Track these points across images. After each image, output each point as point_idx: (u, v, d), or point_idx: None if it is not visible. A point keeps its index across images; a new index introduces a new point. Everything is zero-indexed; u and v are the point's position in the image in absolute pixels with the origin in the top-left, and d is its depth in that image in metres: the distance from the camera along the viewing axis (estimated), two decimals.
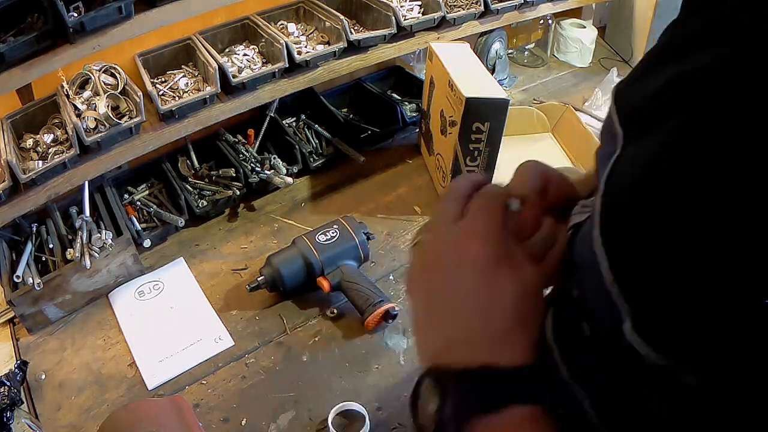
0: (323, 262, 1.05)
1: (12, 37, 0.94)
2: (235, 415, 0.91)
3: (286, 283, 1.05)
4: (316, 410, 0.91)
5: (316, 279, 1.06)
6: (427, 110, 1.37)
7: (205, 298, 1.11)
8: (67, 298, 1.06)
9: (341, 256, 1.07)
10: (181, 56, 1.24)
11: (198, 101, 1.12)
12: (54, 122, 1.11)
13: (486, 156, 1.18)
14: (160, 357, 1.00)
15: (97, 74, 1.09)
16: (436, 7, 1.37)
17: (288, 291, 1.07)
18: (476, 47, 1.66)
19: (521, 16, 1.57)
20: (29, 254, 1.08)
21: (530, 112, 1.51)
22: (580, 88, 1.78)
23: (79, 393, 0.95)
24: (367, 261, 1.13)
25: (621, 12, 1.90)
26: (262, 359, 1.00)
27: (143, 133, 1.10)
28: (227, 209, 1.30)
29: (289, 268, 1.05)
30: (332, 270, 1.06)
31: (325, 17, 1.30)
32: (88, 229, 1.07)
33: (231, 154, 1.33)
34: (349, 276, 1.05)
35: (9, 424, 0.82)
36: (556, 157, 1.46)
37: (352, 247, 1.09)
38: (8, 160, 0.96)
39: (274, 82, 1.21)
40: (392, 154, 1.48)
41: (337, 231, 1.09)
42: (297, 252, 1.06)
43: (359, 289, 1.02)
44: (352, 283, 1.03)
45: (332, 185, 1.38)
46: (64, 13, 0.93)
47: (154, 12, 1.04)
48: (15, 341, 1.03)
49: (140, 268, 1.14)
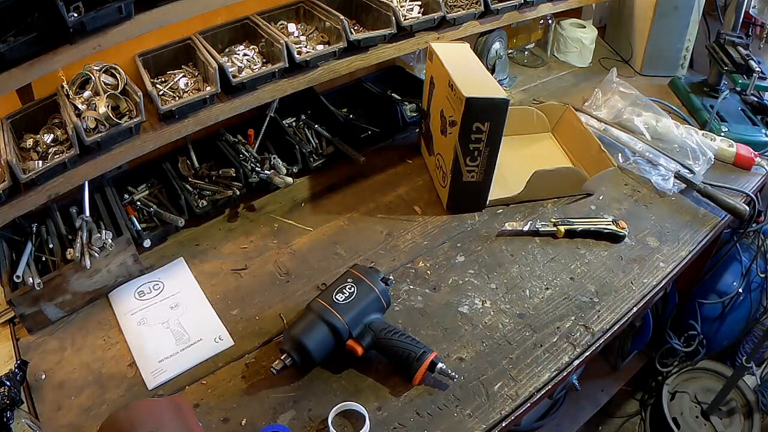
0: (349, 324, 0.94)
1: (12, 37, 0.93)
2: (235, 415, 0.91)
3: (314, 356, 0.93)
4: (316, 410, 0.91)
5: (344, 344, 0.95)
6: (427, 110, 1.37)
7: (205, 298, 1.11)
8: (67, 298, 1.06)
9: (366, 312, 0.97)
10: (181, 56, 1.24)
11: (198, 101, 1.12)
12: (54, 122, 1.11)
13: (486, 156, 1.18)
14: (160, 357, 1.00)
15: (97, 74, 1.09)
16: (436, 7, 1.37)
17: (318, 364, 0.96)
18: (476, 47, 1.66)
19: (521, 16, 1.57)
20: (29, 254, 1.08)
21: (530, 112, 1.51)
22: (580, 88, 1.78)
23: (79, 393, 0.95)
24: (390, 307, 1.03)
25: (621, 12, 1.90)
26: (262, 359, 1.00)
27: (143, 133, 1.10)
28: (227, 209, 1.30)
29: (313, 340, 0.92)
30: (360, 330, 0.95)
31: (325, 17, 1.30)
32: (88, 229, 1.07)
33: (231, 154, 1.33)
34: (381, 333, 0.95)
35: (9, 424, 0.82)
36: (556, 157, 1.46)
37: (375, 300, 0.98)
38: (8, 160, 0.95)
39: (274, 82, 1.21)
40: (392, 154, 1.48)
41: (354, 285, 0.98)
42: (316, 318, 0.94)
43: (397, 345, 0.94)
44: (387, 340, 0.94)
45: (332, 185, 1.38)
46: (64, 13, 0.93)
47: (154, 12, 1.04)
48: (15, 341, 1.03)
49: (140, 268, 1.14)
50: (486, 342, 1.02)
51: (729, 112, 1.61)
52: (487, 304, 1.09)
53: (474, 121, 1.13)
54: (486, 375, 0.97)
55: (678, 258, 1.20)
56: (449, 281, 1.14)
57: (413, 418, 0.90)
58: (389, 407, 0.92)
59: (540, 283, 1.14)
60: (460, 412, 0.91)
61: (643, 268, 1.17)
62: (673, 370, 1.95)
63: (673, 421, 1.83)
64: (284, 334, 0.97)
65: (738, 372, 1.71)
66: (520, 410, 0.93)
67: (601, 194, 1.36)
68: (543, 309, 1.08)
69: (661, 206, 1.33)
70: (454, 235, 1.24)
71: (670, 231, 1.27)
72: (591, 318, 1.07)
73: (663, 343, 1.96)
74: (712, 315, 1.89)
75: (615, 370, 2.01)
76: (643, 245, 1.23)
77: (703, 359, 1.94)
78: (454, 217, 1.29)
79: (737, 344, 1.91)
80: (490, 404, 0.92)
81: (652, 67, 1.84)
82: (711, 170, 1.40)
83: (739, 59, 1.53)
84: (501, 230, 1.24)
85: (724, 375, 1.91)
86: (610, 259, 1.19)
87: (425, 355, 0.93)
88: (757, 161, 1.44)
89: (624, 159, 1.45)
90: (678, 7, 1.69)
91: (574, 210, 1.32)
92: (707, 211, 1.32)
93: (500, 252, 1.20)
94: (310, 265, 1.17)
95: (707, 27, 1.88)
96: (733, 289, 1.80)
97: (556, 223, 1.23)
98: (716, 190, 1.32)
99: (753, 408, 1.83)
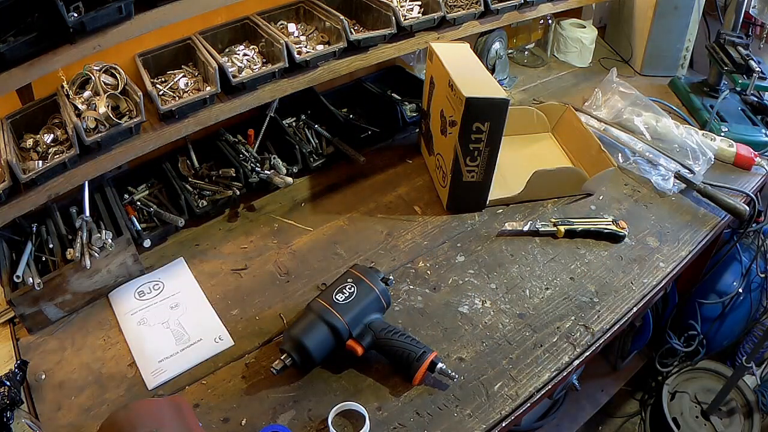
0: (349, 324, 0.94)
1: (12, 37, 0.93)
2: (235, 415, 0.91)
3: (314, 356, 0.93)
4: (316, 410, 0.91)
5: (344, 344, 0.95)
6: (427, 110, 1.37)
7: (205, 298, 1.11)
8: (67, 298, 1.06)
9: (366, 312, 0.97)
10: (181, 56, 1.24)
11: (198, 101, 1.12)
12: (54, 122, 1.11)
13: (486, 156, 1.18)
14: (160, 357, 1.00)
15: (97, 74, 1.09)
16: (436, 7, 1.37)
17: (318, 364, 0.97)
18: (476, 47, 1.66)
19: (521, 16, 1.57)
20: (29, 254, 1.08)
21: (530, 112, 1.51)
22: (580, 88, 1.78)
23: (79, 393, 0.95)
24: (390, 307, 1.04)
25: (621, 12, 1.90)
26: (262, 359, 1.00)
27: (143, 133, 1.10)
28: (227, 209, 1.30)
29: (313, 340, 0.92)
30: (360, 330, 0.95)
31: (325, 17, 1.30)
32: (88, 229, 1.07)
33: (231, 154, 1.33)
34: (381, 333, 0.95)
35: (9, 424, 0.82)
36: (556, 157, 1.46)
37: (375, 299, 0.98)
38: (8, 160, 0.95)
39: (274, 82, 1.21)
40: (392, 154, 1.48)
41: (354, 285, 0.98)
42: (316, 318, 0.94)
43: (397, 345, 0.94)
44: (387, 340, 0.94)
45: (332, 185, 1.38)
46: (64, 13, 0.93)
47: (154, 12, 1.04)
48: (15, 341, 1.03)
49: (140, 268, 1.14)
50: (486, 342, 1.02)
51: (729, 112, 1.61)
52: (487, 304, 1.09)
53: (474, 121, 1.13)
54: (486, 375, 0.97)
55: (678, 258, 1.20)
56: (449, 281, 1.14)
57: (413, 418, 0.90)
58: (389, 407, 0.92)
59: (540, 283, 1.14)
60: (460, 412, 0.91)
61: (643, 268, 1.17)
62: (673, 370, 1.95)
63: (673, 421, 1.83)
64: (284, 334, 0.97)
65: (738, 372, 1.71)
66: (520, 410, 0.93)
67: (601, 194, 1.36)
68: (543, 309, 1.08)
69: (661, 206, 1.33)
70: (454, 235, 1.24)
71: (670, 231, 1.27)
72: (591, 318, 1.07)
73: (663, 343, 1.96)
74: (712, 315, 1.89)
75: (615, 370, 2.01)
76: (643, 245, 1.23)
77: (703, 359, 1.94)
78: (454, 217, 1.29)
79: (737, 344, 1.91)
80: (490, 404, 0.92)
81: (652, 67, 1.84)
82: (711, 170, 1.40)
83: (739, 59, 1.53)
84: (501, 230, 1.24)
85: (724, 375, 1.90)
86: (610, 259, 1.19)
87: (425, 355, 0.93)
88: (757, 161, 1.44)
89: (624, 159, 1.45)
90: (678, 7, 1.69)
91: (574, 210, 1.32)
92: (707, 211, 1.32)
93: (500, 252, 1.20)
94: (310, 265, 1.17)
95: (707, 27, 1.88)
96: (733, 289, 1.80)
97: (556, 223, 1.23)
98: (716, 190, 1.32)
99: (753, 408, 1.83)
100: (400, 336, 0.95)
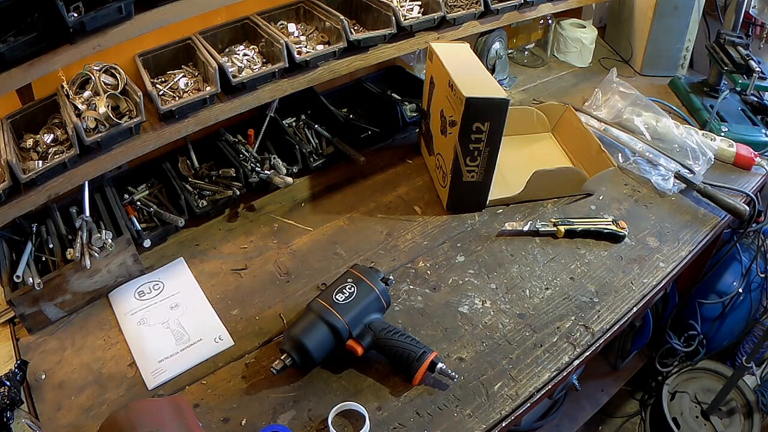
0: (349, 324, 0.94)
1: (12, 37, 0.93)
2: (235, 415, 0.91)
3: (314, 356, 0.93)
4: (316, 410, 0.91)
5: (344, 344, 0.95)
6: (427, 110, 1.37)
7: (205, 298, 1.11)
8: (67, 298, 1.06)
9: (366, 312, 0.97)
10: (181, 56, 1.24)
11: (198, 101, 1.12)
12: (54, 122, 1.11)
13: (486, 156, 1.18)
14: (160, 357, 1.00)
15: (97, 74, 1.09)
16: (436, 7, 1.37)
17: (318, 364, 0.97)
18: (476, 47, 1.66)
19: (521, 16, 1.57)
20: (29, 254, 1.08)
21: (530, 112, 1.51)
22: (580, 88, 1.78)
23: (79, 393, 0.95)
24: (390, 307, 1.04)
25: (621, 12, 1.90)
26: (262, 359, 1.00)
27: (143, 133, 1.10)
28: (227, 209, 1.30)
29: (313, 340, 0.92)
30: (360, 330, 0.95)
31: (325, 17, 1.30)
32: (88, 229, 1.07)
33: (231, 154, 1.33)
34: (381, 333, 0.95)
35: (9, 424, 0.82)
36: (556, 157, 1.46)
37: (375, 299, 0.98)
38: (8, 160, 0.96)
39: (274, 82, 1.21)
40: (392, 154, 1.48)
41: (354, 285, 0.98)
42: (316, 318, 0.94)
43: (397, 345, 0.94)
44: (387, 341, 0.94)
45: (332, 185, 1.38)
46: (64, 13, 0.93)
47: (154, 12, 1.04)
48: (15, 341, 1.03)
49: (140, 268, 1.14)
50: (486, 342, 1.02)
51: (729, 112, 1.61)
52: (487, 304, 1.09)
53: (474, 121, 1.13)
54: (486, 375, 0.97)
55: (678, 258, 1.20)
56: (449, 281, 1.14)
57: (413, 418, 0.90)
58: (389, 407, 0.92)
59: (540, 283, 1.14)
60: (460, 412, 0.91)
61: (643, 268, 1.17)
62: (673, 370, 1.95)
63: (673, 421, 1.83)
64: (284, 334, 0.97)
65: (738, 372, 1.71)
66: (520, 410, 0.93)
67: (601, 194, 1.36)
68: (543, 309, 1.08)
69: (661, 206, 1.33)
70: (454, 235, 1.24)
71: (670, 231, 1.27)
72: (591, 318, 1.07)
73: (663, 343, 1.96)
74: (712, 315, 1.89)
75: (615, 370, 2.01)
76: (643, 245, 1.23)
77: (703, 359, 1.94)
78: (454, 217, 1.29)
79: (737, 344, 1.91)
80: (490, 404, 0.92)
81: (652, 67, 1.84)
82: (711, 170, 1.40)
83: (739, 59, 1.53)
84: (501, 230, 1.24)
85: (724, 375, 1.90)
86: (610, 259, 1.19)
87: (425, 355, 0.93)
88: (757, 161, 1.44)
89: (624, 159, 1.45)
90: (678, 7, 1.69)
91: (574, 210, 1.32)
92: (707, 211, 1.32)
93: (500, 252, 1.20)
94: (310, 265, 1.17)
95: (707, 27, 1.88)
96: (733, 289, 1.80)
97: (556, 223, 1.23)
98: (716, 190, 1.32)
99: (753, 408, 1.83)
100: (400, 336, 0.95)
